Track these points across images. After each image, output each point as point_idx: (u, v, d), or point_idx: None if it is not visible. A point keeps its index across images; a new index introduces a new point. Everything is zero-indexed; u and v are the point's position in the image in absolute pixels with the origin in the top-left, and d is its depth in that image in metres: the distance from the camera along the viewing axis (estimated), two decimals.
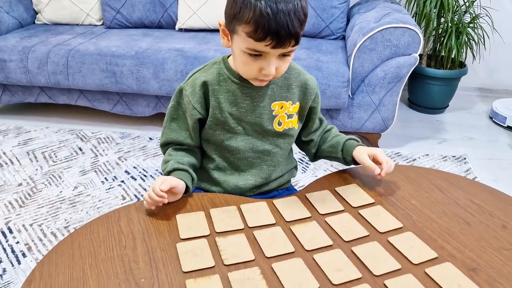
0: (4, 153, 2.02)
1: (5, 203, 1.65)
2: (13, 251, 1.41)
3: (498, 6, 2.61)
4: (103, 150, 2.06)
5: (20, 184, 1.78)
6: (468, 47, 2.47)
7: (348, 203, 0.88)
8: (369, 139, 2.14)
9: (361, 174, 0.99)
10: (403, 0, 2.58)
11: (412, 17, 2.32)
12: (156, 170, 1.90)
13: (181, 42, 2.19)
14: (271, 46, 0.76)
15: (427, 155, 2.07)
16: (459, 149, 2.17)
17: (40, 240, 1.46)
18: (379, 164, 0.92)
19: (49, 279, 0.68)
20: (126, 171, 1.89)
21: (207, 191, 0.98)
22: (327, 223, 0.82)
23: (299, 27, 0.76)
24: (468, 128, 2.42)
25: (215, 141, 0.94)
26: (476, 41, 2.46)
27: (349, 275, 0.69)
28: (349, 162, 0.99)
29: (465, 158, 2.05)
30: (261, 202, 0.88)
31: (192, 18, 2.38)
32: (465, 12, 2.47)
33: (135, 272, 0.69)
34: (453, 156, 2.07)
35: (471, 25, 2.43)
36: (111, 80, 2.12)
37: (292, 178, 1.08)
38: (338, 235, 0.79)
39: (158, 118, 2.33)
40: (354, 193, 0.91)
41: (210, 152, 0.96)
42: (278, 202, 0.88)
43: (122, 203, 1.67)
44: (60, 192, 1.73)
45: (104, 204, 1.66)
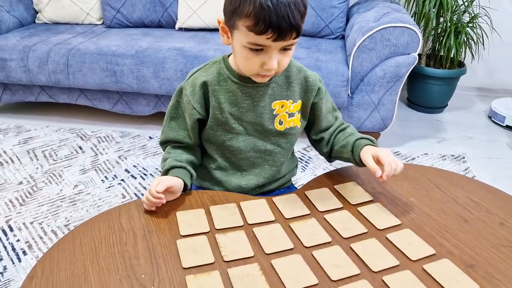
0: (5, 152, 2.02)
1: (6, 202, 1.66)
2: (14, 249, 1.42)
3: (497, 6, 2.62)
4: (103, 149, 2.07)
5: (21, 183, 1.78)
6: (467, 47, 2.48)
7: (347, 201, 0.89)
8: None
9: (360, 172, 0.99)
10: (402, 0, 2.59)
11: (411, 17, 2.33)
12: (156, 169, 1.90)
13: (181, 42, 2.20)
14: (273, 39, 0.76)
15: (426, 154, 2.08)
16: (458, 148, 2.17)
17: (41, 238, 1.47)
18: (383, 166, 0.86)
19: (51, 275, 0.68)
20: (126, 170, 1.89)
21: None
22: (326, 220, 0.82)
23: (300, 19, 0.76)
24: (467, 128, 2.43)
25: (216, 141, 0.94)
26: (475, 41, 2.46)
27: (348, 271, 0.70)
28: (360, 164, 0.92)
29: (464, 157, 2.06)
30: (261, 200, 0.88)
31: (192, 18, 2.38)
32: (464, 12, 2.47)
33: (136, 268, 0.70)
34: (452, 155, 2.08)
35: (470, 25, 2.43)
36: (111, 79, 2.13)
37: (292, 177, 1.08)
38: (337, 232, 0.79)
39: (158, 117, 2.34)
40: (353, 191, 0.92)
41: (212, 152, 0.96)
42: (278, 200, 0.88)
43: (122, 201, 1.67)
44: (61, 191, 1.73)
45: (104, 203, 1.66)
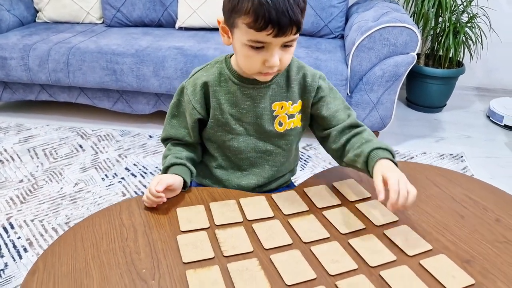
0: (5, 150, 2.03)
1: (6, 199, 1.67)
2: (15, 246, 1.43)
3: (496, 6, 2.63)
4: (103, 148, 2.07)
5: (21, 181, 1.79)
6: (466, 47, 2.49)
7: (345, 197, 0.89)
8: None
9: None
10: (401, 0, 2.60)
11: (410, 17, 2.34)
12: (156, 167, 1.91)
13: (181, 41, 2.20)
14: (273, 35, 0.75)
15: (425, 153, 2.09)
16: (457, 148, 2.19)
17: (41, 236, 1.48)
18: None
19: (53, 269, 0.69)
20: (126, 168, 1.90)
21: None
22: (324, 217, 0.83)
23: (300, 14, 0.75)
24: (466, 127, 2.44)
25: (217, 141, 0.94)
26: (474, 41, 2.47)
27: (346, 266, 0.71)
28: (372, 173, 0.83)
29: (462, 156, 2.07)
30: (260, 197, 0.89)
31: (192, 17, 2.39)
32: (463, 12, 2.48)
33: (137, 263, 0.71)
34: (450, 154, 2.09)
35: (469, 25, 2.44)
36: (112, 78, 2.13)
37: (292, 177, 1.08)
38: (335, 228, 0.80)
39: (158, 116, 2.35)
40: (351, 188, 0.92)
41: (213, 151, 0.96)
42: (276, 197, 0.89)
43: (122, 199, 1.68)
44: (61, 189, 1.74)
45: (105, 201, 1.67)
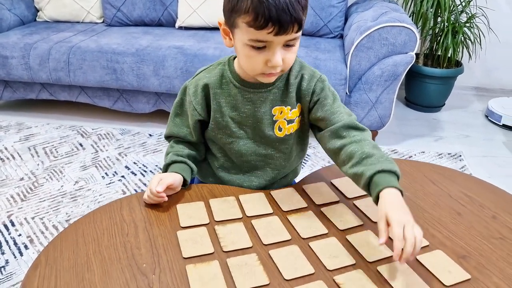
0: (6, 149, 2.04)
1: (7, 197, 1.68)
2: (16, 243, 1.44)
3: (494, 6, 2.64)
4: (104, 146, 2.08)
5: (22, 179, 1.80)
6: (465, 47, 2.50)
7: (343, 195, 0.90)
8: None
9: None
10: (400, 0, 2.61)
11: (409, 16, 2.35)
12: (156, 166, 1.92)
13: (181, 40, 2.21)
14: (274, 33, 0.73)
15: (423, 153, 2.10)
16: (455, 147, 2.20)
17: (42, 233, 1.49)
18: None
19: (55, 264, 0.70)
20: (126, 167, 1.91)
21: None
22: (323, 213, 0.84)
23: (301, 11, 0.73)
24: (464, 127, 2.45)
25: (219, 143, 0.95)
26: (472, 41, 2.48)
27: (343, 261, 0.72)
28: (376, 202, 0.75)
29: (461, 156, 2.08)
30: (259, 193, 0.90)
31: (192, 16, 2.40)
32: (462, 12, 2.49)
33: (137, 258, 0.72)
34: (449, 154, 2.10)
35: (468, 25, 2.46)
36: (112, 77, 2.14)
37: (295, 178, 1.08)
38: (333, 224, 0.81)
39: (158, 115, 2.36)
40: (349, 185, 0.92)
41: (215, 151, 0.97)
42: (276, 193, 0.90)
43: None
44: (61, 187, 1.75)
45: (105, 199, 1.68)
